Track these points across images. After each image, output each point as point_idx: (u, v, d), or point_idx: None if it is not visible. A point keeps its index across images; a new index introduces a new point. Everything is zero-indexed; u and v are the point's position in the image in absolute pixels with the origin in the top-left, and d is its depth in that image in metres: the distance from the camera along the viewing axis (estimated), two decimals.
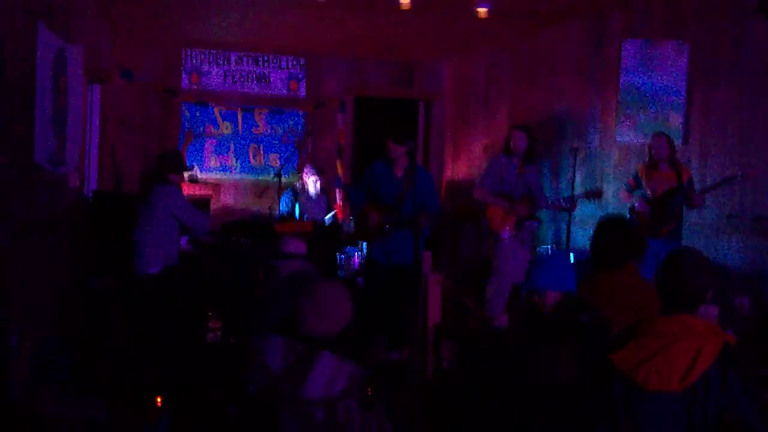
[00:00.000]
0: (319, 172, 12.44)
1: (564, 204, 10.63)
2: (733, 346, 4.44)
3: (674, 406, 4.33)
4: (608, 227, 6.50)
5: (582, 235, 10.99)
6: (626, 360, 4.43)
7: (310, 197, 12.33)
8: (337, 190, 13.60)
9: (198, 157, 13.91)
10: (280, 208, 12.16)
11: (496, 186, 10.50)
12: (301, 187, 12.46)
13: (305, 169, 12.56)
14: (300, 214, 12.07)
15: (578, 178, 11.31)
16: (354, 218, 10.33)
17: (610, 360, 4.49)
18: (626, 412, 4.40)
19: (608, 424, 4.46)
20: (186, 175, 9.51)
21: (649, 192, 10.00)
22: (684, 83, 10.80)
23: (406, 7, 10.21)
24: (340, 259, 11.40)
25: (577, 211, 10.88)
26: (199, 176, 12.58)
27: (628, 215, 10.13)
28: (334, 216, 12.24)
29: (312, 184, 12.37)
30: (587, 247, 6.60)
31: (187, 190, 9.79)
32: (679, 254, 4.73)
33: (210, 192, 12.29)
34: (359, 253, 11.47)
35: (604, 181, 11.63)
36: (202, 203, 10.73)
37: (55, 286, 8.68)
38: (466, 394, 3.75)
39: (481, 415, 3.91)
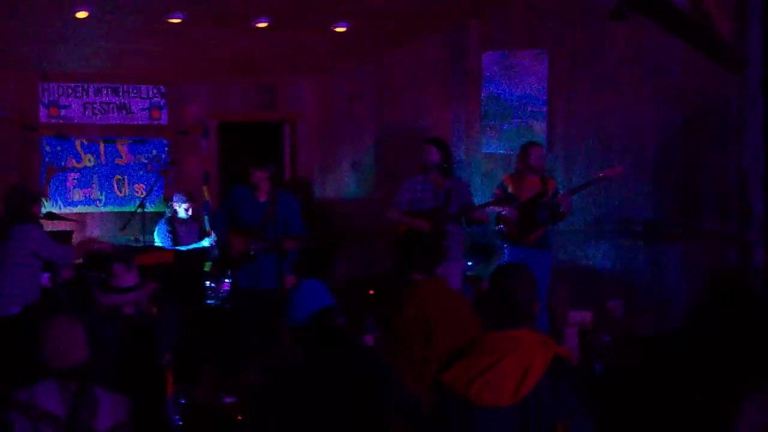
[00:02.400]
0: (190, 199, 12.28)
1: (475, 216, 10.37)
2: (564, 357, 4.49)
3: (508, 420, 4.34)
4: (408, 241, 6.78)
5: None
6: (457, 378, 4.42)
7: (182, 224, 12.18)
8: (207, 217, 13.47)
9: (61, 191, 13.61)
10: (157, 238, 12.01)
11: (412, 204, 10.21)
12: (172, 214, 12.29)
13: (174, 197, 12.39)
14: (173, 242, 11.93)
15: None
16: (218, 245, 10.24)
17: (441, 380, 4.48)
18: (461, 428, 4.39)
19: None
20: (43, 211, 9.30)
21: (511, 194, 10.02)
22: (545, 91, 10.89)
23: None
24: (209, 286, 11.28)
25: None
26: (61, 210, 12.30)
27: (496, 223, 10.13)
28: (214, 240, 12.10)
29: (183, 211, 12.21)
30: None
31: (49, 225, 9.56)
32: (504, 271, 4.77)
33: (73, 226, 12.01)
34: (228, 279, 11.34)
35: (473, 193, 11.64)
36: (63, 237, 10.49)
37: None
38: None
39: None
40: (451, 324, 6.02)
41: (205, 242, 12.08)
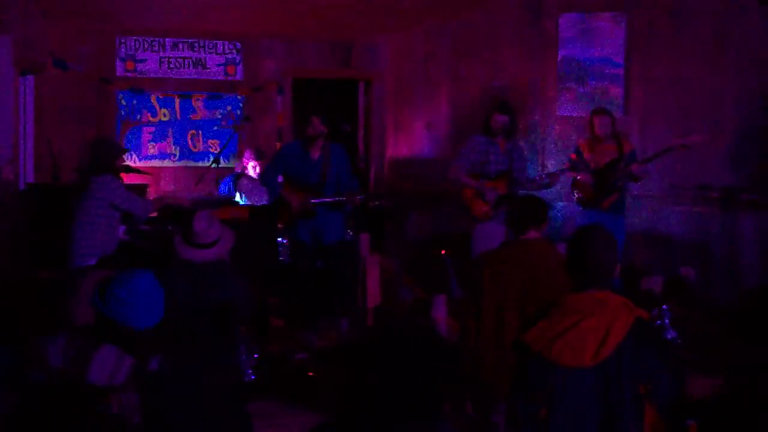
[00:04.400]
0: (259, 157, 12.29)
1: (545, 180, 10.37)
2: (645, 320, 4.45)
3: (589, 381, 4.33)
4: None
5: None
6: (539, 338, 4.43)
7: (250, 181, 12.18)
8: None
9: (136, 145, 13.73)
10: (220, 193, 12.02)
11: (476, 166, 10.15)
12: (241, 171, 12.31)
13: (245, 154, 12.42)
14: (240, 199, 11.95)
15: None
16: (271, 202, 10.24)
17: (523, 340, 4.47)
18: (542, 389, 4.39)
19: (526, 401, 4.45)
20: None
21: (591, 165, 9.94)
22: (622, 55, 10.80)
23: None
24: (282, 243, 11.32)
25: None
26: (136, 164, 12.40)
27: (571, 188, 10.08)
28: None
29: (252, 169, 12.23)
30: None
31: (125, 178, 9.63)
32: (586, 232, 4.75)
33: (148, 180, 12.10)
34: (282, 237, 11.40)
35: (546, 155, 11.59)
36: (139, 190, 10.57)
37: None
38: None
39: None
40: (551, 283, 6.00)
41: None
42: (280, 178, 10.04)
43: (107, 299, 4.53)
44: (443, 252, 10.59)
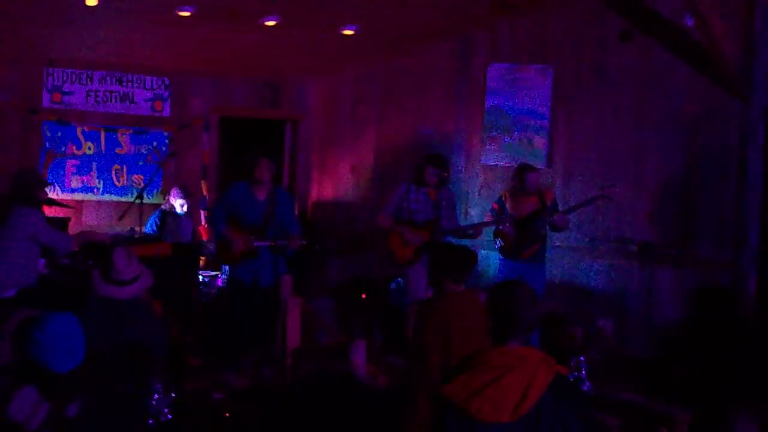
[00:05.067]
0: (187, 195, 12.24)
1: (470, 231, 10.43)
2: (564, 375, 4.47)
3: None
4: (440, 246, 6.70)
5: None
6: (459, 392, 4.41)
7: (176, 219, 12.12)
8: (202, 212, 13.48)
9: (59, 177, 13.62)
10: (146, 229, 11.95)
11: (404, 214, 10.21)
12: (168, 208, 12.25)
13: (172, 192, 12.34)
14: (165, 234, 11.88)
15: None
16: (216, 240, 10.24)
17: (442, 393, 4.48)
18: None
19: None
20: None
21: (513, 214, 10.02)
22: (548, 107, 10.92)
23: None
24: (202, 281, 11.31)
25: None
26: (58, 197, 12.27)
27: (494, 238, 10.16)
28: (195, 238, 12.07)
29: (179, 207, 12.17)
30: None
31: (47, 211, 9.54)
32: (509, 287, 4.74)
33: (70, 213, 12.00)
34: (222, 275, 11.38)
35: (469, 203, 11.68)
36: (60, 224, 10.49)
37: None
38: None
39: None
40: (472, 336, 5.98)
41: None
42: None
43: (27, 342, 4.47)
44: (363, 296, 10.63)
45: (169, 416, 6.64)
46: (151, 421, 5.96)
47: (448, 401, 4.44)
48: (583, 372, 7.31)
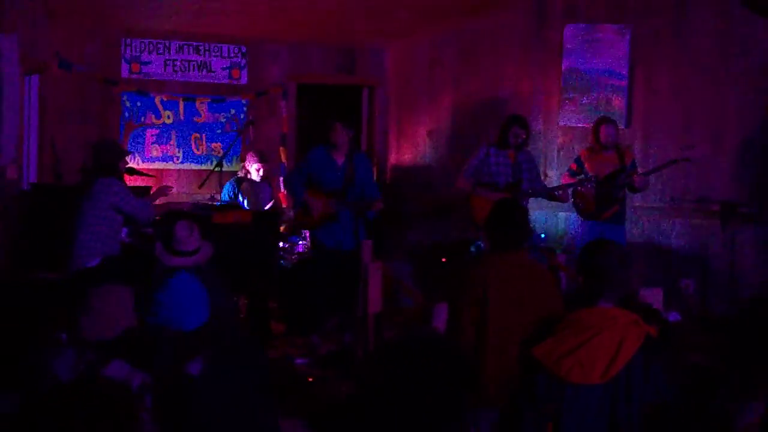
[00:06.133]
0: (262, 160, 12.24)
1: (557, 192, 10.28)
2: (655, 337, 4.42)
3: (597, 398, 4.32)
4: (506, 209, 6.42)
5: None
6: (548, 353, 4.40)
7: (254, 185, 12.16)
8: (281, 178, 13.52)
9: (139, 147, 13.75)
10: (222, 197, 12.00)
11: (485, 177, 10.14)
12: (244, 175, 12.29)
13: (248, 157, 12.38)
14: (243, 202, 11.92)
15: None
16: (295, 207, 10.27)
17: (532, 354, 4.45)
18: (549, 403, 4.38)
19: (533, 415, 4.43)
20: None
21: (592, 175, 9.96)
22: (626, 66, 10.82)
23: None
24: (283, 247, 11.35)
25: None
26: (139, 166, 12.36)
27: (573, 199, 10.10)
28: (274, 205, 12.10)
29: (255, 172, 12.19)
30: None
31: (128, 180, 9.63)
32: (600, 246, 4.69)
33: (151, 182, 12.10)
34: (302, 241, 11.43)
35: (548, 165, 11.62)
36: (142, 192, 10.59)
37: None
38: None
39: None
40: (517, 301, 5.83)
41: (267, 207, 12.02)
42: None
43: (152, 306, 4.51)
44: (444, 260, 10.61)
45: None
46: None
47: (538, 363, 4.43)
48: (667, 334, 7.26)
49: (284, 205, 12.77)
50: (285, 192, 12.90)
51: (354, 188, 9.94)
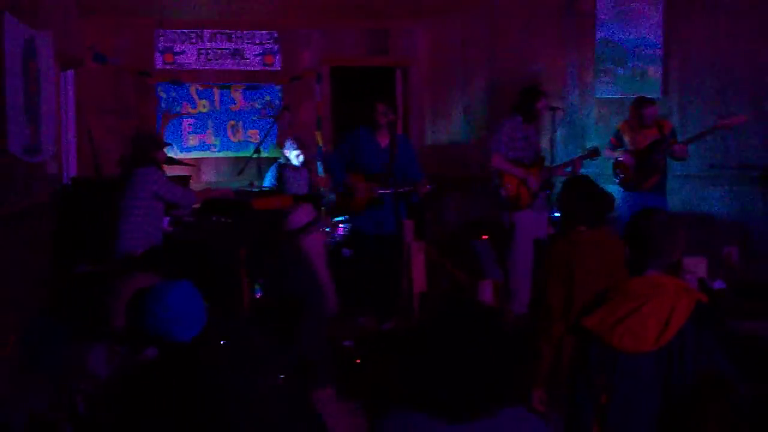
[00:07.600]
0: (300, 146, 12.26)
1: (568, 168, 10.23)
2: (705, 303, 4.39)
3: (650, 367, 4.28)
4: (584, 186, 6.39)
5: None
6: (600, 323, 4.38)
7: (293, 170, 12.17)
8: (319, 163, 13.52)
9: (176, 137, 13.80)
10: (264, 183, 12.02)
11: (514, 152, 9.92)
12: (284, 161, 12.30)
13: (286, 143, 12.39)
14: (283, 187, 11.94)
15: (559, 137, 11.22)
16: (336, 190, 10.18)
17: (583, 325, 4.44)
18: (602, 374, 4.36)
19: (586, 386, 4.42)
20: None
21: (632, 147, 9.93)
22: (660, 35, 10.76)
23: None
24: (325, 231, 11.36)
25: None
26: (177, 156, 12.41)
27: (613, 170, 10.07)
28: (314, 189, 12.11)
29: (294, 157, 12.20)
30: None
31: (167, 170, 9.67)
32: (648, 214, 4.66)
33: (190, 171, 12.15)
34: (344, 224, 11.42)
35: (586, 137, 11.58)
36: (181, 182, 10.63)
37: (39, 275, 8.60)
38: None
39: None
40: (598, 278, 5.73)
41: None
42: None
43: (143, 315, 4.41)
44: (485, 237, 10.60)
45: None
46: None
47: (590, 333, 4.42)
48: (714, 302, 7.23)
49: (323, 188, 12.76)
50: (324, 174, 12.88)
51: (398, 171, 9.75)
